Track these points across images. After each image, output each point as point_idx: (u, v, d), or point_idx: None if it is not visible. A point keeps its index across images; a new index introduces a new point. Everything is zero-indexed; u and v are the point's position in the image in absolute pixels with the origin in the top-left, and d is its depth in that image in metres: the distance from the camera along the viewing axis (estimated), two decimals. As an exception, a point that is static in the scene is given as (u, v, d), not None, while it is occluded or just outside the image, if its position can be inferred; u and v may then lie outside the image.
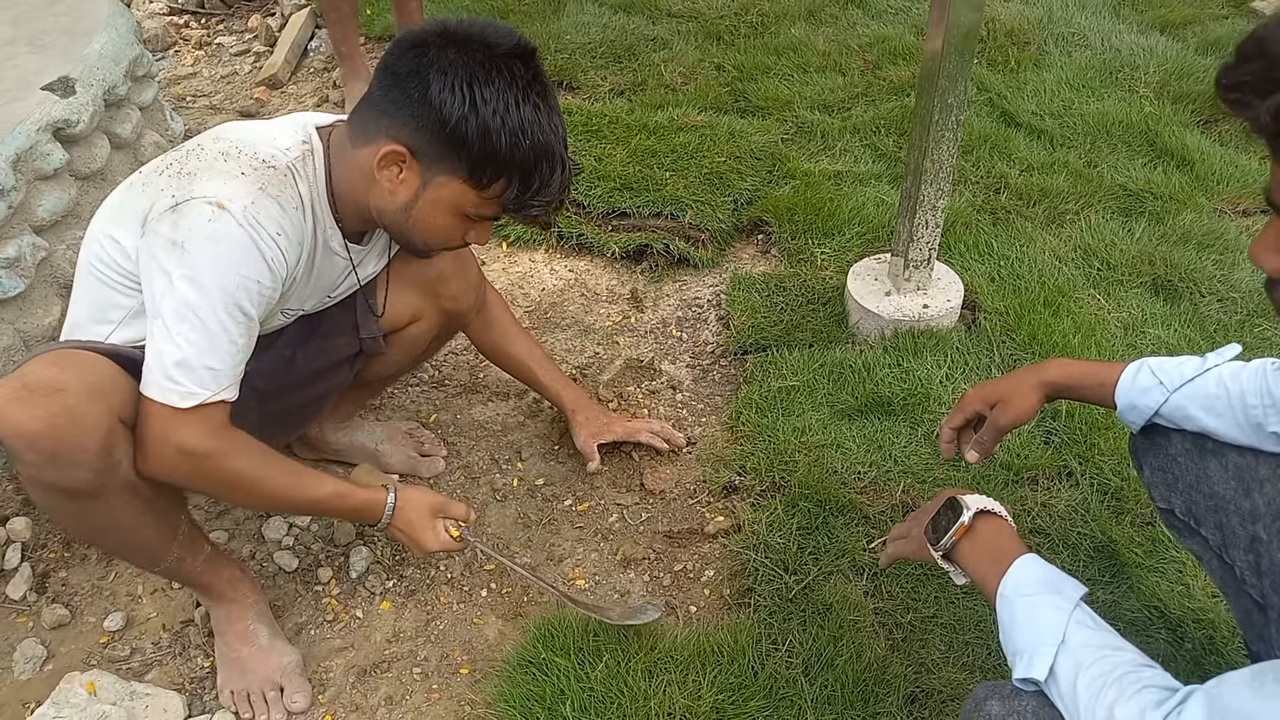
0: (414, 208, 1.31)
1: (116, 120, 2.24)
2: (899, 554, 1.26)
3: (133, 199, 1.29)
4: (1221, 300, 2.18)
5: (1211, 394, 1.18)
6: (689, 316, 2.33)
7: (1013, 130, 2.88)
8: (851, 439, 1.84)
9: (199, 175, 1.24)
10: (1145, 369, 1.24)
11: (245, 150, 1.28)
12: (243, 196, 1.22)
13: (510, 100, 1.23)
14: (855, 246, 2.35)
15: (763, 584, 1.60)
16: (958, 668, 1.46)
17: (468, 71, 1.22)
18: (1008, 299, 2.14)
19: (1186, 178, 2.62)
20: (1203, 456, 1.21)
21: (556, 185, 1.30)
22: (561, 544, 1.76)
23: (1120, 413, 1.26)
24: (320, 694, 1.52)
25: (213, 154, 1.27)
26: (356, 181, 1.33)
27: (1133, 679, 0.87)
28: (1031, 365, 1.34)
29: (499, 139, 1.23)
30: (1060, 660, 0.92)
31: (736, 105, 3.02)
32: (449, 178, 1.28)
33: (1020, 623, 0.97)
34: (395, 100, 1.25)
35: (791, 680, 1.42)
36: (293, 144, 1.32)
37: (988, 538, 1.09)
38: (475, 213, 1.32)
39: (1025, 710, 0.95)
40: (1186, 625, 1.47)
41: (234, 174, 1.24)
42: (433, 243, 1.39)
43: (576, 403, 1.88)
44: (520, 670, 1.44)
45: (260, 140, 1.31)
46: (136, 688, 1.48)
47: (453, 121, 1.22)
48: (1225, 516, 1.17)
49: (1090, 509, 1.67)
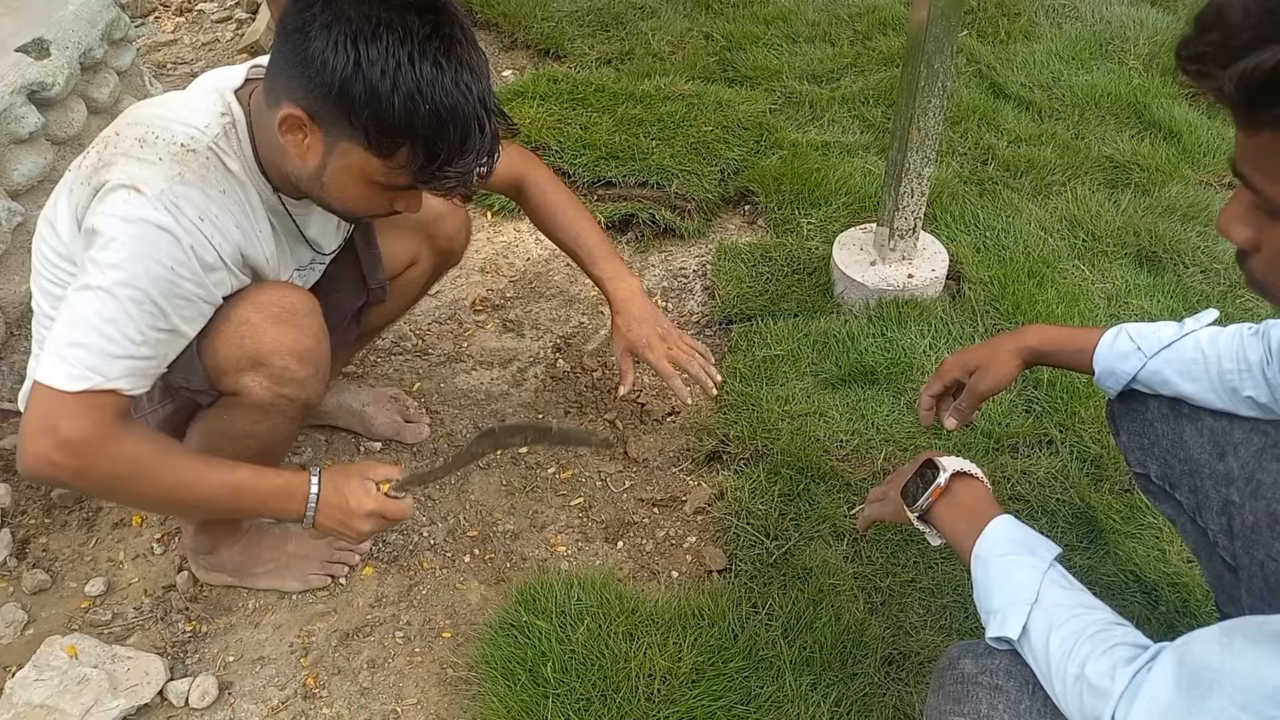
0: (324, 175, 1.19)
1: (93, 84, 2.22)
2: (876, 516, 1.27)
3: (64, 200, 1.23)
4: (1205, 271, 2.19)
5: (1188, 359, 1.18)
6: (675, 286, 2.33)
7: (1001, 102, 2.88)
8: (835, 407, 1.84)
9: (114, 163, 1.15)
10: (1123, 334, 1.24)
11: (161, 135, 1.18)
12: (159, 180, 1.14)
13: (402, 57, 1.07)
14: (842, 217, 2.35)
15: (744, 549, 1.61)
16: (935, 630, 1.47)
17: (353, 26, 1.07)
18: (992, 269, 2.14)
19: (1174, 150, 2.62)
20: (1178, 421, 1.21)
21: (473, 153, 1.15)
22: (544, 511, 1.77)
23: (1098, 378, 1.26)
24: (303, 658, 1.52)
25: (129, 140, 1.18)
26: (272, 146, 1.22)
27: (1104, 637, 0.88)
28: (1010, 332, 1.34)
29: (390, 102, 1.08)
30: (1034, 619, 0.93)
31: (724, 75, 3.00)
32: (350, 144, 1.14)
33: (995, 582, 0.98)
34: (286, 58, 1.12)
35: (771, 642, 1.43)
36: (211, 120, 1.22)
37: (964, 499, 1.09)
38: (386, 182, 1.19)
39: (998, 668, 0.95)
40: (1161, 589, 1.49)
41: (151, 160, 1.16)
42: (356, 211, 1.27)
43: (622, 302, 1.62)
44: (502, 633, 1.45)
45: (176, 121, 1.20)
46: (118, 651, 1.48)
47: (338, 83, 1.08)
48: (1199, 480, 1.18)
49: (1070, 476, 1.68)
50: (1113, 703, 0.83)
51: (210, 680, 1.47)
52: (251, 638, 1.55)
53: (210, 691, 1.46)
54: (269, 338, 1.26)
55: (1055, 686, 0.89)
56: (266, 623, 1.58)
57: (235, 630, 1.56)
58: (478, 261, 2.39)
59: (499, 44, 3.29)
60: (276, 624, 1.57)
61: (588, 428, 1.79)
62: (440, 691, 1.48)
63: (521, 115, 2.63)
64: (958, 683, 0.96)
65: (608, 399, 2.01)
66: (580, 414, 1.97)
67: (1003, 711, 0.92)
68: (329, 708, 1.46)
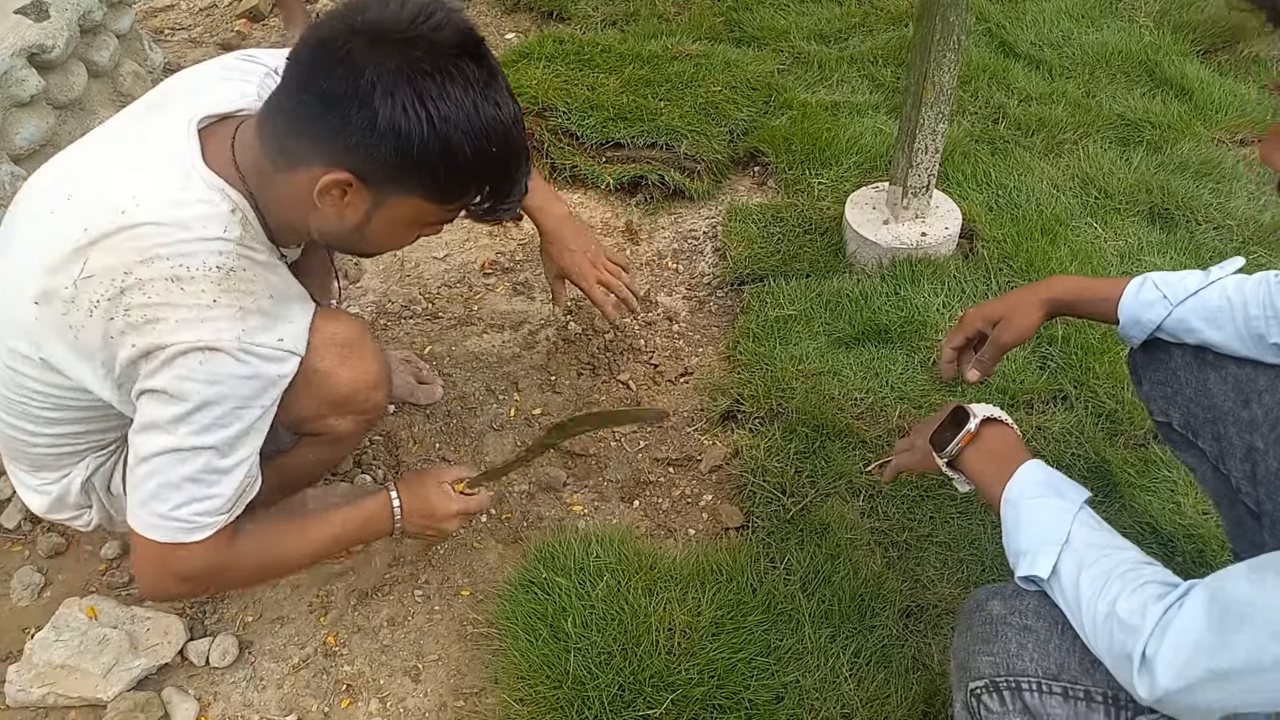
0: (367, 227, 1.15)
1: (93, 47, 2.18)
2: (904, 465, 1.27)
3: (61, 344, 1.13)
4: (1218, 228, 2.17)
5: (1214, 306, 1.18)
6: (685, 248, 2.31)
7: (1011, 60, 2.84)
8: (849, 366, 1.83)
9: (162, 320, 1.07)
10: (1149, 283, 1.23)
11: (190, 264, 1.08)
12: (226, 329, 1.09)
13: (469, 108, 1.04)
14: (853, 177, 2.33)
15: (760, 506, 1.61)
16: (952, 583, 1.48)
17: (417, 87, 1.02)
18: (1005, 227, 2.13)
19: (1185, 107, 2.59)
20: (1202, 369, 1.21)
21: (525, 178, 1.18)
22: (558, 473, 1.76)
23: (1122, 328, 1.26)
24: (322, 616, 1.53)
25: (161, 283, 1.07)
26: (290, 208, 1.14)
27: (1134, 575, 0.88)
28: (1032, 283, 1.33)
29: (464, 153, 1.06)
30: (1064, 559, 0.93)
31: (731, 35, 2.96)
32: (405, 197, 1.11)
33: (1024, 524, 0.98)
34: (333, 127, 1.04)
35: (789, 596, 1.44)
36: (224, 221, 1.11)
37: (993, 445, 1.09)
38: (437, 221, 1.18)
39: (1026, 609, 0.96)
40: (1178, 540, 1.49)
41: (204, 304, 1.08)
42: (384, 251, 1.27)
43: (553, 231, 1.64)
44: (522, 590, 1.45)
45: (192, 239, 1.09)
46: (137, 611, 1.48)
47: (414, 147, 1.03)
48: (1223, 427, 1.18)
49: (1085, 431, 1.68)
50: (1144, 639, 0.84)
51: (230, 639, 1.48)
52: (270, 598, 1.56)
53: (231, 650, 1.47)
54: (345, 381, 1.26)
55: (1085, 625, 0.90)
56: (284, 583, 1.58)
57: (253, 590, 1.57)
58: (486, 225, 2.37)
59: (501, 6, 3.24)
60: (294, 584, 1.58)
61: (643, 404, 1.82)
62: (461, 647, 1.48)
63: (528, 77, 2.60)
64: (986, 624, 0.96)
65: (621, 360, 2.00)
66: (594, 375, 1.97)
67: (1032, 651, 0.93)
68: (350, 665, 1.47)
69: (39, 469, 1.34)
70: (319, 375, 1.23)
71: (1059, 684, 0.90)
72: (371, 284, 2.19)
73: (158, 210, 1.09)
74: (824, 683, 1.33)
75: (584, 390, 1.93)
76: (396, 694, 1.44)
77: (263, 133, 1.12)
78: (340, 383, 1.26)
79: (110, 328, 1.09)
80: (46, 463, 1.32)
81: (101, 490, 1.37)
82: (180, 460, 1.11)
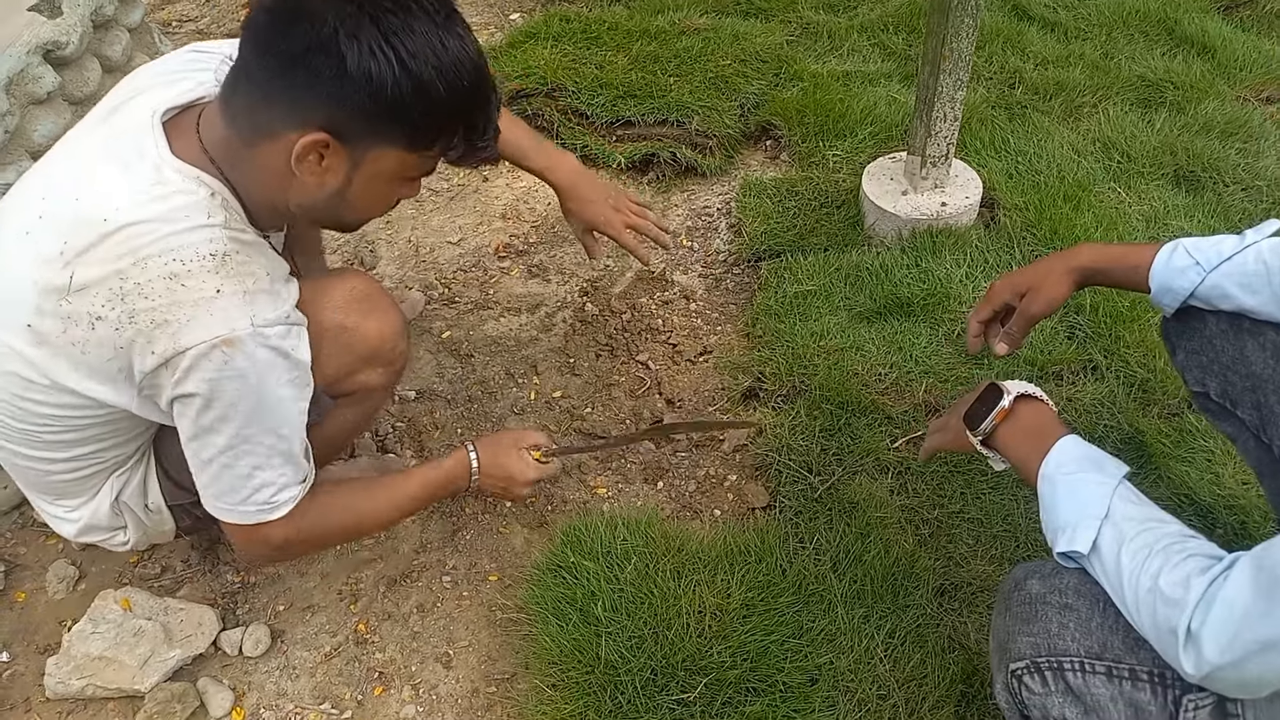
0: (349, 190, 1.12)
1: (105, 42, 2.17)
2: (938, 445, 1.25)
3: (62, 362, 1.11)
4: (1246, 189, 2.13)
5: (1250, 270, 1.14)
6: (699, 225, 2.29)
7: (1025, 24, 2.79)
8: (871, 341, 1.81)
9: (170, 322, 1.05)
10: (1180, 249, 1.20)
11: (184, 257, 1.06)
12: (237, 316, 1.07)
13: (436, 43, 1.02)
14: (868, 148, 2.30)
15: (786, 486, 1.60)
16: (986, 560, 1.46)
17: (380, 25, 0.99)
18: (1027, 195, 2.10)
19: (1208, 65, 2.54)
20: (1239, 336, 1.18)
21: (496, 113, 1.13)
22: (580, 456, 1.76)
23: (1154, 295, 1.23)
24: (352, 604, 1.53)
25: (160, 283, 1.05)
26: (268, 185, 1.11)
27: (1178, 548, 0.87)
28: (1060, 252, 1.30)
29: (437, 91, 1.03)
30: (1104, 533, 0.91)
31: (739, 7, 2.91)
32: (383, 149, 1.08)
33: (1062, 499, 0.96)
34: (301, 83, 1.01)
35: (820, 576, 1.43)
36: (206, 207, 1.09)
37: (1028, 420, 1.07)
38: (417, 173, 1.16)
39: (1066, 588, 0.94)
40: (1218, 511, 1.47)
41: (207, 295, 1.06)
42: (367, 217, 1.22)
43: (569, 186, 1.63)
44: (550, 574, 1.45)
45: (180, 229, 1.07)
46: (170, 603, 1.49)
47: (386, 91, 1.00)
48: (1264, 395, 1.15)
49: (1117, 401, 1.65)
50: (1188, 612, 0.82)
51: (263, 629, 1.49)
52: (300, 586, 1.56)
53: (263, 640, 1.48)
54: (373, 332, 1.29)
55: (1128, 600, 0.88)
56: (313, 571, 1.58)
57: (283, 580, 1.57)
58: (499, 208, 2.35)
59: (506, -15, 3.20)
60: (323, 573, 1.58)
61: (736, 415, 1.80)
62: (491, 633, 1.49)
63: (536, 57, 2.57)
64: (1025, 603, 0.95)
65: (639, 340, 1.99)
66: (612, 356, 1.96)
67: (1074, 629, 0.91)
68: (381, 652, 1.47)
69: (62, 497, 1.32)
70: (347, 332, 1.27)
71: (1102, 663, 0.89)
72: (387, 270, 2.18)
73: (137, 210, 1.06)
74: (858, 664, 1.32)
75: (603, 371, 1.92)
76: (429, 681, 1.44)
77: (227, 112, 1.09)
78: (369, 334, 1.29)
79: (119, 338, 1.07)
80: (69, 489, 1.31)
81: (139, 508, 1.36)
82: (239, 455, 1.14)
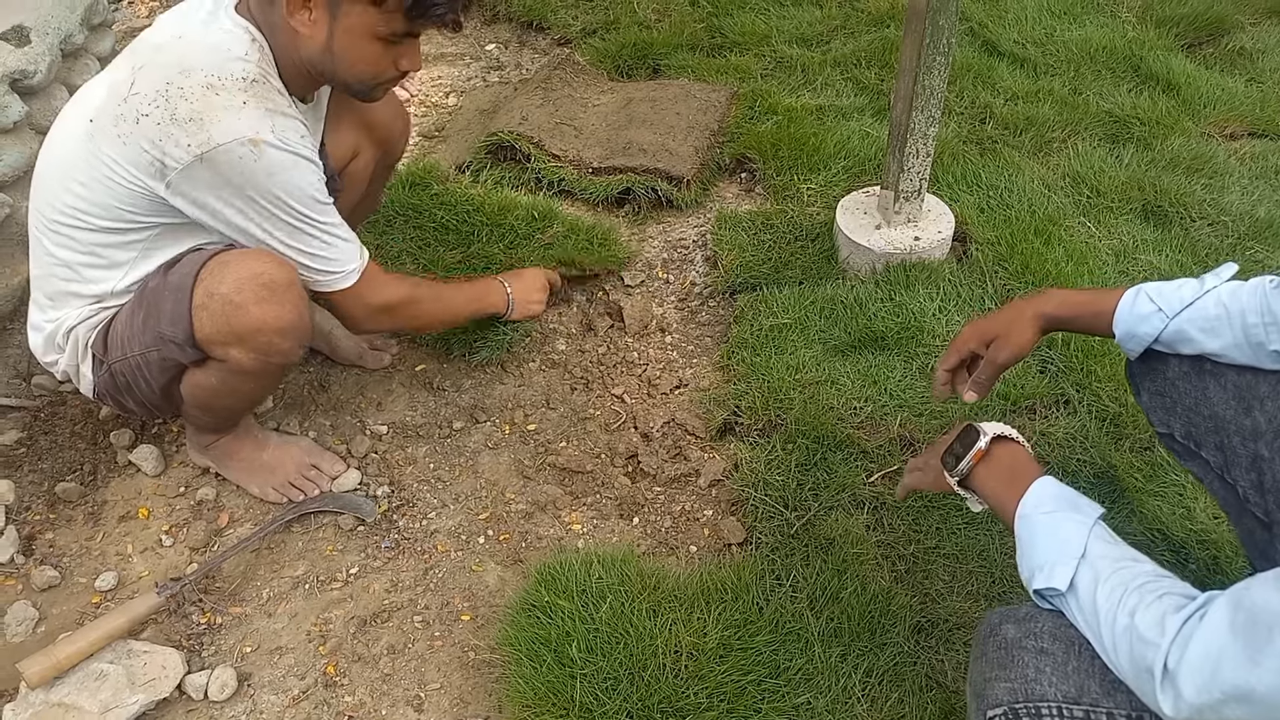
0: (333, 44, 1.33)
1: (75, 71, 2.16)
2: (915, 485, 1.25)
3: (107, 150, 1.32)
4: (1212, 224, 2.17)
5: (1211, 315, 1.16)
6: (675, 258, 2.29)
7: (995, 59, 2.84)
8: (846, 375, 1.82)
9: (205, 118, 1.27)
10: (1143, 295, 1.21)
11: (220, 74, 1.30)
12: (263, 123, 1.30)
13: None
14: (842, 181, 2.32)
15: (763, 521, 1.60)
16: (962, 597, 1.46)
17: None
18: (998, 229, 2.12)
19: (1173, 102, 2.59)
20: (1201, 378, 1.20)
21: None
22: (556, 490, 1.74)
23: (1119, 340, 1.24)
24: (321, 646, 1.50)
25: (197, 90, 1.28)
26: (288, 42, 1.34)
27: (1153, 587, 0.87)
28: (1026, 298, 1.31)
29: None
30: (1081, 572, 0.91)
31: (712, 41, 2.95)
32: (352, 3, 1.29)
33: (1040, 539, 0.97)
34: None
35: (797, 614, 1.42)
36: (245, 47, 1.33)
37: (1005, 461, 1.08)
38: (387, 32, 1.32)
39: (1042, 631, 0.94)
40: (1190, 547, 1.48)
41: (238, 105, 1.29)
42: (364, 78, 1.40)
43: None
44: (524, 614, 1.43)
45: (222, 58, 1.31)
46: (134, 645, 1.45)
47: None
48: (1226, 437, 1.16)
49: (1089, 436, 1.67)
50: (1164, 651, 0.83)
51: (229, 672, 1.45)
52: (267, 627, 1.53)
53: (229, 683, 1.44)
54: (253, 318, 1.37)
55: (1105, 639, 0.88)
56: (281, 612, 1.55)
57: (250, 620, 1.54)
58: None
59: (480, 17, 3.22)
60: (292, 613, 1.55)
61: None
62: (463, 675, 1.46)
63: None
64: (1001, 648, 0.95)
65: (614, 374, 1.98)
66: (587, 390, 1.95)
67: (1050, 673, 0.91)
68: (351, 695, 1.44)
69: (53, 299, 1.48)
70: (231, 305, 1.36)
71: (1080, 707, 0.89)
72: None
73: (194, 35, 1.32)
74: (836, 704, 1.31)
75: (579, 405, 1.91)
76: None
77: None
78: (248, 318, 1.37)
79: (158, 132, 1.28)
80: (58, 289, 1.46)
81: (82, 344, 1.49)
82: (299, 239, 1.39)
